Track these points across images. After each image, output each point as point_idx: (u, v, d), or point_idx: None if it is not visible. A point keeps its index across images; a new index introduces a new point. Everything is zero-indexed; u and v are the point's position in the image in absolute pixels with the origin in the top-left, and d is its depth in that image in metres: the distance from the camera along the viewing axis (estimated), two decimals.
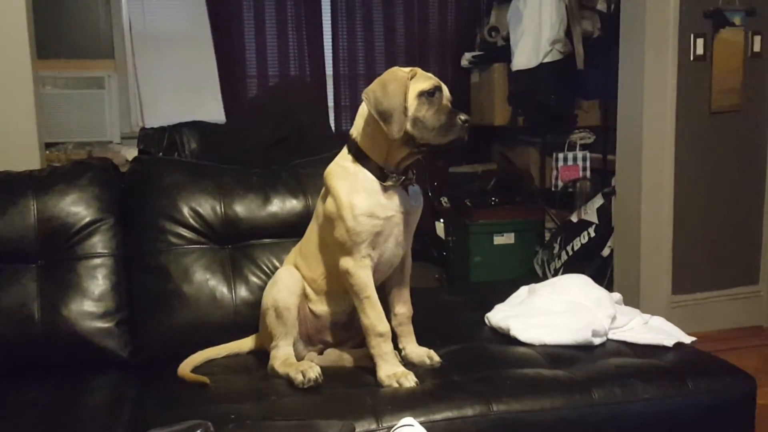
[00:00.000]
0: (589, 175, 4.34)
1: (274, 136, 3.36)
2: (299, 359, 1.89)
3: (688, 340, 2.00)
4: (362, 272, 1.80)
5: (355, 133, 1.85)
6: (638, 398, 1.73)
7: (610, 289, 2.43)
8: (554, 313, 2.07)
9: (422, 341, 1.93)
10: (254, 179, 2.29)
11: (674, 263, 3.73)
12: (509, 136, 4.96)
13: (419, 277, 2.12)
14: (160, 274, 2.13)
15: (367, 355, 1.85)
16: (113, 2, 4.97)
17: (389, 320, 1.87)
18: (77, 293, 2.07)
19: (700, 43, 3.61)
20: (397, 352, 1.86)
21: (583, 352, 1.92)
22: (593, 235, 3.96)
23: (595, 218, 3.97)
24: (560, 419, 1.68)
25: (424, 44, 5.32)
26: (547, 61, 4.30)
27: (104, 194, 2.18)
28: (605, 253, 3.95)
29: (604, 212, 3.94)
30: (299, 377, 1.77)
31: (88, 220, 2.14)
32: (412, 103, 1.75)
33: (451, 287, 4.40)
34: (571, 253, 4.03)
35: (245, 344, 2.06)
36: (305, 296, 1.94)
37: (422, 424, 1.53)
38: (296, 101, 3.62)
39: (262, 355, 1.97)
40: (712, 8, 3.60)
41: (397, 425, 1.53)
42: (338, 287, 1.89)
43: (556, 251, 4.14)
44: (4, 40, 2.72)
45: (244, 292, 2.14)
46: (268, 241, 2.23)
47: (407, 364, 1.85)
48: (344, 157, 1.86)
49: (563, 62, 4.30)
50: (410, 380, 1.75)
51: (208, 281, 2.13)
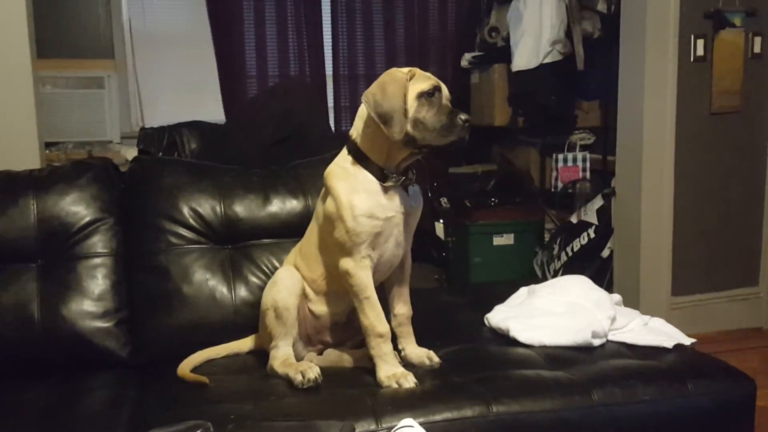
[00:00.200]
0: (588, 176, 4.33)
1: (274, 136, 3.37)
2: (299, 359, 1.89)
3: (687, 341, 2.00)
4: (362, 273, 1.80)
5: (354, 134, 1.85)
6: (638, 400, 1.73)
7: (609, 290, 2.43)
8: (554, 314, 2.07)
9: (422, 342, 1.93)
10: (254, 179, 2.29)
11: (674, 264, 3.73)
12: (509, 136, 4.96)
13: (419, 277, 2.12)
14: (159, 274, 2.13)
15: (366, 355, 1.85)
16: (113, 2, 4.97)
17: (389, 321, 1.87)
18: (77, 293, 2.07)
19: (700, 44, 3.61)
20: (396, 352, 1.86)
21: (582, 353, 1.91)
22: (593, 236, 3.96)
23: (594, 219, 3.96)
24: (560, 420, 1.68)
25: (424, 45, 5.32)
26: (547, 61, 4.30)
27: (104, 194, 2.18)
28: (605, 254, 3.95)
29: (603, 213, 3.94)
30: (299, 377, 1.77)
31: (88, 219, 2.14)
32: (411, 104, 1.74)
33: (450, 288, 4.39)
34: (570, 254, 4.03)
35: (245, 344, 2.06)
36: (305, 296, 1.94)
37: (422, 424, 1.53)
38: (296, 102, 3.62)
39: (261, 355, 1.97)
40: (712, 9, 3.61)
41: (397, 426, 1.52)
42: (338, 287, 1.89)
43: (555, 252, 4.14)
44: (4, 39, 2.72)
45: (243, 292, 2.14)
46: (267, 241, 2.23)
47: (407, 364, 1.85)
48: (344, 157, 1.86)
49: (563, 63, 4.30)
50: (410, 381, 1.75)
51: (207, 281, 2.13)
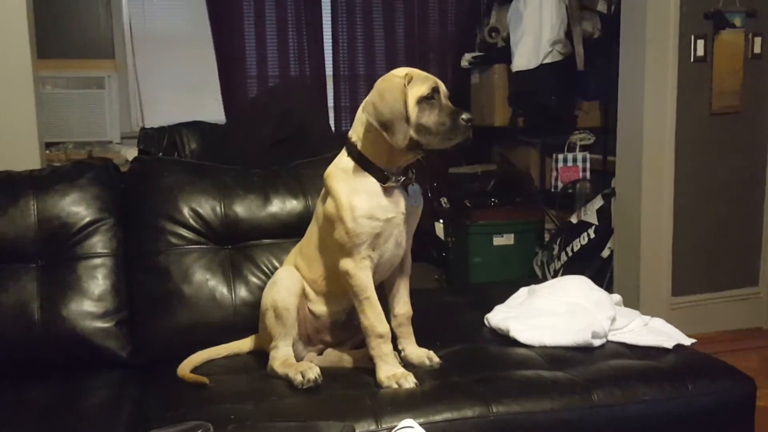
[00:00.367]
0: (588, 176, 4.34)
1: (274, 136, 3.36)
2: (299, 360, 1.89)
3: (687, 341, 2.00)
4: (362, 273, 1.80)
5: (354, 137, 1.84)
6: (638, 400, 1.73)
7: (609, 290, 2.43)
8: (554, 314, 2.07)
9: (422, 342, 1.93)
10: (254, 180, 2.28)
11: (674, 265, 3.73)
12: (509, 136, 4.95)
13: (419, 277, 2.12)
14: (159, 274, 2.13)
15: (366, 355, 1.85)
16: (114, 2, 4.97)
17: (389, 321, 1.87)
18: (77, 293, 2.07)
19: (700, 44, 3.62)
20: (396, 353, 1.86)
21: (582, 353, 1.91)
22: (593, 236, 3.96)
23: (594, 219, 3.96)
24: (560, 421, 1.68)
25: (424, 45, 5.32)
26: (547, 62, 4.30)
27: (104, 194, 2.18)
28: (605, 254, 3.95)
29: (603, 213, 3.94)
30: (299, 378, 1.77)
31: (88, 220, 2.14)
32: (412, 110, 1.74)
33: (450, 288, 4.39)
34: (570, 254, 4.03)
35: (245, 344, 2.06)
36: (305, 296, 1.94)
37: (422, 425, 1.53)
38: (296, 102, 3.62)
39: (261, 355, 1.97)
40: (712, 9, 3.61)
41: (397, 427, 1.53)
42: (338, 288, 1.88)
43: (555, 252, 4.14)
44: (4, 39, 2.72)
45: (243, 292, 2.14)
46: (267, 241, 2.23)
47: (407, 365, 1.85)
48: (344, 159, 1.85)
49: (563, 63, 4.30)
50: (410, 381, 1.75)
51: (207, 281, 2.13)
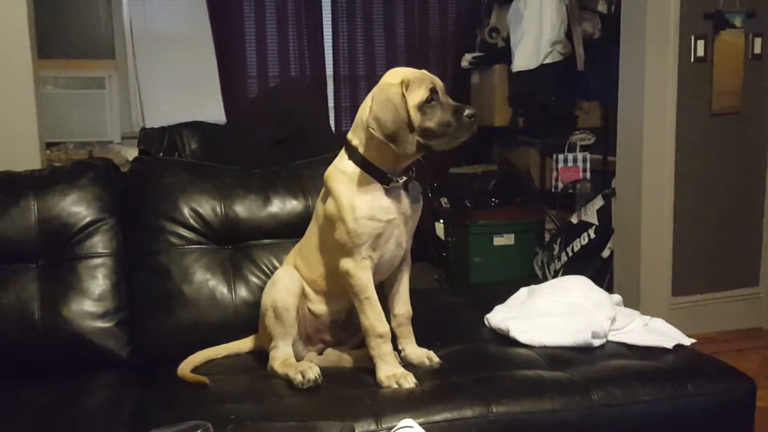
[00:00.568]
0: (589, 176, 4.33)
1: (274, 136, 3.37)
2: (299, 359, 1.89)
3: (687, 341, 2.00)
4: (362, 273, 1.80)
5: (356, 141, 1.83)
6: (638, 400, 1.73)
7: (609, 290, 2.43)
8: (554, 314, 2.06)
9: (422, 342, 1.93)
10: (254, 180, 2.29)
11: (674, 265, 3.73)
12: (509, 137, 4.96)
13: (419, 277, 2.12)
14: (160, 274, 2.13)
15: (366, 355, 1.85)
16: (114, 2, 4.97)
17: (389, 321, 1.87)
18: (77, 293, 2.07)
19: (700, 44, 3.61)
20: (396, 353, 1.86)
21: (582, 353, 1.91)
22: (593, 236, 3.96)
23: (595, 219, 3.97)
24: (560, 421, 1.68)
25: (424, 45, 5.32)
26: (547, 62, 4.30)
27: (105, 194, 2.18)
28: (605, 254, 3.95)
29: (604, 213, 3.94)
30: (299, 377, 1.77)
31: (88, 220, 2.14)
32: (415, 116, 1.73)
33: (450, 288, 4.39)
34: (571, 254, 4.03)
35: (245, 344, 2.06)
36: (305, 296, 1.94)
37: (422, 425, 1.53)
38: (296, 102, 3.62)
39: (261, 355, 1.97)
40: (712, 10, 3.61)
41: (396, 427, 1.52)
42: (338, 288, 1.88)
43: (556, 252, 4.14)
44: (5, 40, 2.72)
45: (243, 292, 2.14)
46: (268, 241, 2.23)
47: (407, 365, 1.85)
48: (345, 160, 1.84)
49: (564, 63, 4.30)
50: (410, 381, 1.75)
51: (208, 281, 2.13)
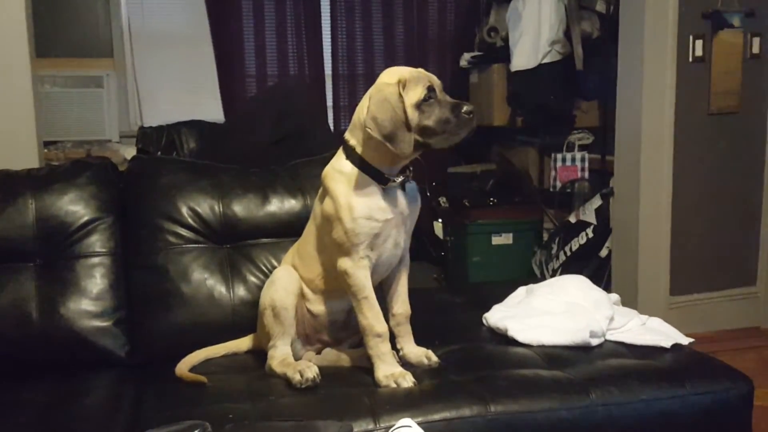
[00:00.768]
0: (587, 175, 4.34)
1: (273, 135, 3.36)
2: (297, 359, 1.89)
3: (685, 341, 2.00)
4: (360, 273, 1.80)
5: (353, 141, 1.83)
6: (636, 399, 1.73)
7: (608, 290, 2.43)
8: (552, 313, 2.07)
9: (420, 341, 1.93)
10: (253, 179, 2.28)
11: (672, 264, 3.73)
12: (508, 136, 4.95)
13: (417, 277, 2.12)
14: (158, 273, 2.12)
15: (364, 355, 1.84)
16: (112, 1, 4.97)
17: (387, 320, 1.87)
18: (75, 292, 2.06)
19: (699, 44, 3.62)
20: (395, 352, 1.86)
21: (580, 352, 1.92)
22: (591, 235, 3.96)
23: (593, 219, 3.97)
24: (558, 420, 1.68)
25: (423, 44, 5.32)
26: (546, 61, 4.30)
27: (103, 193, 2.18)
28: (603, 253, 3.95)
29: (602, 213, 3.94)
30: (297, 377, 1.77)
31: (86, 219, 2.13)
32: (413, 115, 1.73)
33: (449, 287, 4.39)
34: (569, 253, 4.03)
35: (243, 344, 2.06)
36: (302, 296, 1.94)
37: (420, 424, 1.53)
38: (295, 101, 3.62)
39: (260, 354, 1.97)
40: (711, 10, 3.61)
41: (395, 426, 1.52)
42: (336, 287, 1.88)
43: (554, 252, 4.14)
44: (3, 38, 2.71)
45: (242, 291, 2.14)
46: (266, 240, 2.23)
47: (405, 364, 1.85)
48: (342, 160, 1.84)
49: (562, 63, 4.30)
50: (408, 380, 1.75)
51: (206, 281, 2.13)
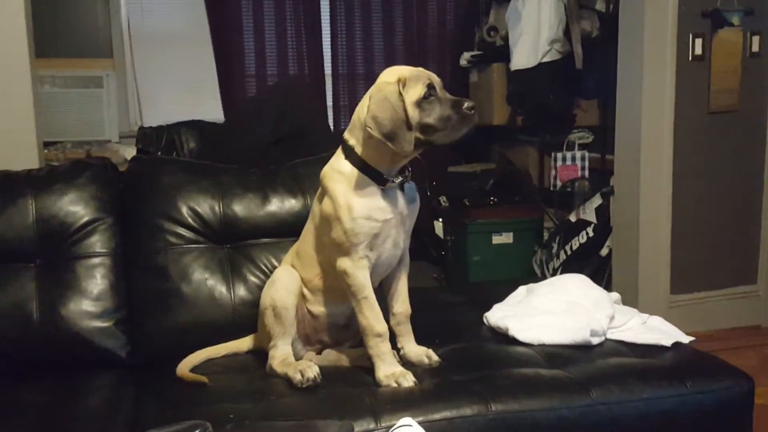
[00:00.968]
0: (587, 174, 4.34)
1: (272, 135, 3.36)
2: (298, 359, 1.89)
3: (686, 339, 2.00)
4: (360, 273, 1.80)
5: (353, 141, 1.83)
6: (636, 398, 1.73)
7: (608, 288, 2.43)
8: (553, 312, 2.07)
9: (421, 341, 1.93)
10: (253, 179, 2.28)
11: (672, 263, 3.73)
12: (508, 135, 4.96)
13: (418, 276, 2.12)
14: (158, 273, 2.12)
15: (365, 355, 1.84)
16: (112, 1, 4.97)
17: (387, 320, 1.87)
18: (76, 293, 2.06)
19: (698, 43, 3.62)
20: (395, 351, 1.86)
21: (581, 351, 1.91)
22: (592, 234, 3.96)
23: (593, 218, 3.97)
24: (558, 419, 1.68)
25: (422, 44, 5.32)
26: (545, 60, 4.29)
27: (103, 193, 2.18)
28: (604, 252, 3.95)
29: (602, 212, 3.94)
30: (298, 377, 1.77)
31: (86, 219, 2.13)
32: (413, 113, 1.73)
33: (449, 287, 4.39)
34: (569, 252, 4.03)
35: (244, 344, 2.06)
36: (302, 296, 1.94)
37: (421, 423, 1.53)
38: (295, 101, 3.62)
39: (260, 354, 1.97)
40: (710, 8, 3.60)
41: (395, 425, 1.52)
42: (335, 287, 1.88)
43: (554, 251, 4.14)
44: (2, 39, 2.71)
45: (242, 291, 2.14)
46: (266, 240, 2.23)
47: (406, 363, 1.85)
48: (341, 160, 1.84)
49: (562, 62, 4.29)
50: (409, 380, 1.75)
51: (206, 281, 2.13)
